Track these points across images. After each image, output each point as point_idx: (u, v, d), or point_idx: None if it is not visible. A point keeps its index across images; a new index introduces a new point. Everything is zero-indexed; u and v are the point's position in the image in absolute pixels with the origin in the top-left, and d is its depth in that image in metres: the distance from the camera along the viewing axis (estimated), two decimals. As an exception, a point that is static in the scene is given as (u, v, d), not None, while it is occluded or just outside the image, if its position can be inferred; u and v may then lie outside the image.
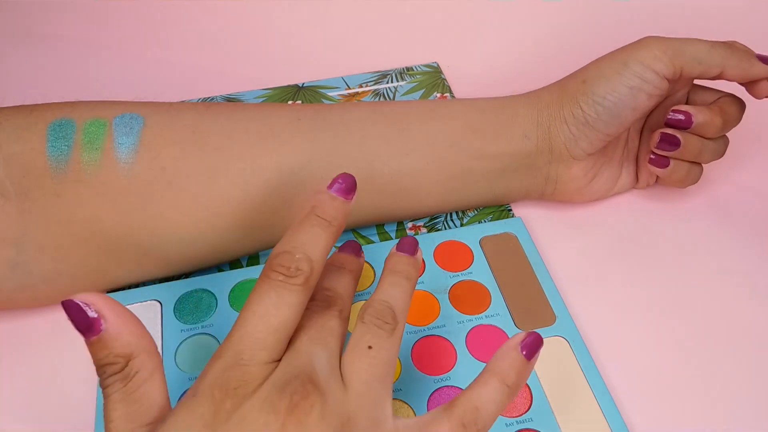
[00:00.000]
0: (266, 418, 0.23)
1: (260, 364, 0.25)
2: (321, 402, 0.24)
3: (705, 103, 0.40)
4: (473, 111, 0.39)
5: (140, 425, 0.24)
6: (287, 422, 0.23)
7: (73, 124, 0.34)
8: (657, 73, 0.36)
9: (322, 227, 0.28)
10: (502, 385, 0.26)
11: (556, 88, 0.39)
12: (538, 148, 0.39)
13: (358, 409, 0.25)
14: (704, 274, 0.40)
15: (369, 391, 0.26)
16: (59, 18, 0.59)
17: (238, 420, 0.23)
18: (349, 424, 0.24)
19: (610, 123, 0.37)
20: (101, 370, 0.25)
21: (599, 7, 0.57)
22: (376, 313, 0.27)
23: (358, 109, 0.39)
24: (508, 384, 0.26)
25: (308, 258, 0.26)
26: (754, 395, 0.34)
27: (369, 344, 0.26)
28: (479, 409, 0.25)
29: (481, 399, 0.26)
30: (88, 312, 0.24)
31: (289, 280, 0.26)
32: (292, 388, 0.24)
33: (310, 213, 0.28)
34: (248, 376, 0.24)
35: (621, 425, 0.32)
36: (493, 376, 0.26)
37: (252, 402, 0.24)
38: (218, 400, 0.24)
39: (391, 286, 0.29)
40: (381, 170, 0.38)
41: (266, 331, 0.25)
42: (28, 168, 0.33)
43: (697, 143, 0.39)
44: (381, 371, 0.26)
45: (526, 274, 0.39)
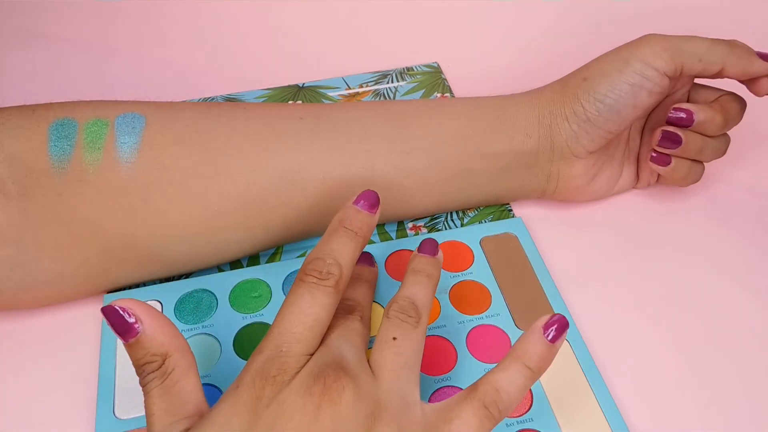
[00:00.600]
0: (303, 401, 0.26)
1: (297, 356, 0.27)
2: (353, 385, 0.26)
3: (706, 101, 0.40)
4: (474, 109, 0.39)
5: (179, 418, 0.26)
6: (322, 403, 0.26)
7: (75, 123, 0.34)
8: (657, 71, 0.37)
9: (350, 237, 0.30)
10: (525, 368, 0.27)
11: (558, 86, 0.39)
12: (539, 146, 0.39)
13: (387, 395, 0.27)
14: (704, 273, 0.40)
15: (397, 378, 0.28)
16: (59, 18, 0.59)
17: (277, 404, 0.26)
18: (380, 408, 0.26)
19: (611, 120, 0.37)
20: (140, 369, 0.27)
21: (599, 7, 0.57)
22: (400, 309, 0.30)
23: (359, 108, 0.39)
24: (530, 367, 0.27)
25: (338, 263, 0.29)
26: (754, 395, 0.34)
27: (394, 336, 0.29)
28: (500, 392, 0.27)
29: (502, 382, 0.27)
30: (127, 318, 0.27)
31: (322, 282, 0.29)
32: (324, 373, 0.26)
33: (339, 225, 0.31)
34: (286, 366, 0.27)
35: (621, 425, 0.32)
36: (515, 360, 0.28)
37: (290, 388, 0.26)
38: (259, 387, 0.26)
39: (414, 284, 0.31)
40: (382, 169, 0.38)
41: (302, 326, 0.28)
42: (30, 167, 0.33)
43: (699, 141, 0.39)
44: (407, 359, 0.28)
45: (526, 274, 0.39)
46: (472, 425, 0.26)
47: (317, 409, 0.25)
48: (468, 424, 0.26)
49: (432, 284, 0.32)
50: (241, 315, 0.37)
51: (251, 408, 0.26)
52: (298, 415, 0.25)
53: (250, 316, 0.37)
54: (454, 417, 0.27)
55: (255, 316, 0.37)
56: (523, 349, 0.28)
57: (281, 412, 0.25)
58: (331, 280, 0.29)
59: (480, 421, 0.26)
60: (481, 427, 0.26)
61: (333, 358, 0.27)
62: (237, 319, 0.37)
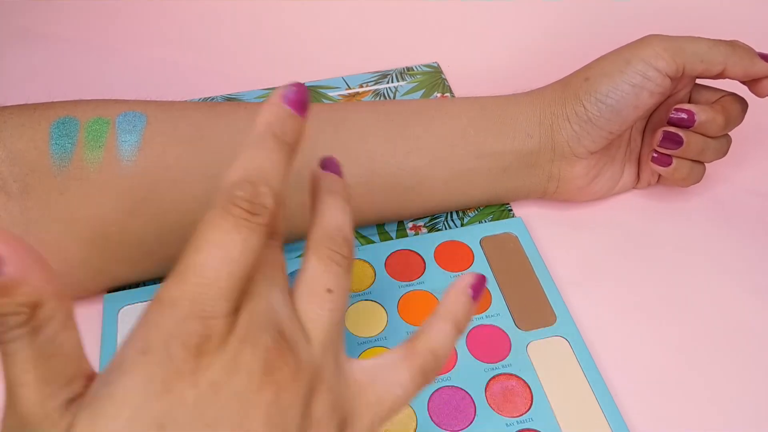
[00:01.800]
0: (240, 381, 0.21)
1: (223, 316, 0.21)
2: (293, 358, 0.22)
3: (707, 101, 0.40)
4: (475, 109, 0.39)
5: (60, 387, 0.20)
6: (263, 384, 0.21)
7: (77, 122, 0.34)
8: (659, 71, 0.37)
9: (284, 151, 0.24)
10: (456, 330, 0.26)
11: (559, 86, 0.39)
12: (540, 146, 0.39)
13: (321, 359, 0.24)
14: (704, 273, 0.40)
15: (331, 339, 0.24)
16: (59, 18, 0.59)
17: (208, 385, 0.20)
18: (317, 378, 0.23)
19: (612, 121, 0.38)
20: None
21: (599, 7, 0.57)
22: (336, 246, 0.25)
23: (359, 108, 0.39)
24: (459, 328, 0.26)
25: (274, 192, 0.22)
26: (754, 395, 0.34)
27: (328, 287, 0.24)
28: (438, 357, 0.25)
29: (438, 344, 0.26)
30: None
31: (254, 218, 0.22)
32: (264, 345, 0.22)
33: (267, 132, 0.24)
34: (211, 330, 0.21)
35: (621, 425, 0.32)
36: (447, 321, 0.26)
37: (221, 362, 0.21)
38: (179, 360, 0.20)
39: (337, 210, 0.26)
40: (382, 169, 0.38)
41: (231, 279, 0.21)
42: (32, 166, 0.33)
43: (700, 142, 0.39)
44: (340, 316, 0.25)
45: (526, 274, 0.39)
46: (410, 391, 0.25)
47: (258, 392, 0.21)
48: (407, 390, 0.25)
49: (351, 208, 0.27)
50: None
51: (173, 386, 0.20)
52: (236, 400, 0.20)
53: (250, 316, 0.37)
54: (394, 384, 0.25)
55: (255, 316, 0.37)
56: (453, 309, 0.26)
57: (214, 395, 0.20)
58: (265, 215, 0.22)
59: (417, 387, 0.25)
60: (416, 392, 0.25)
61: (267, 318, 0.22)
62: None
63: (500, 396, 0.34)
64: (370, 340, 0.36)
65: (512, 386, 0.34)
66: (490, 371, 0.34)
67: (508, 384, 0.34)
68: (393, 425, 0.32)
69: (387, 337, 0.36)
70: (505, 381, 0.34)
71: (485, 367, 0.35)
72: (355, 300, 0.37)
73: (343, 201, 0.27)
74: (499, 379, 0.34)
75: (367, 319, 0.37)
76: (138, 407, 0.19)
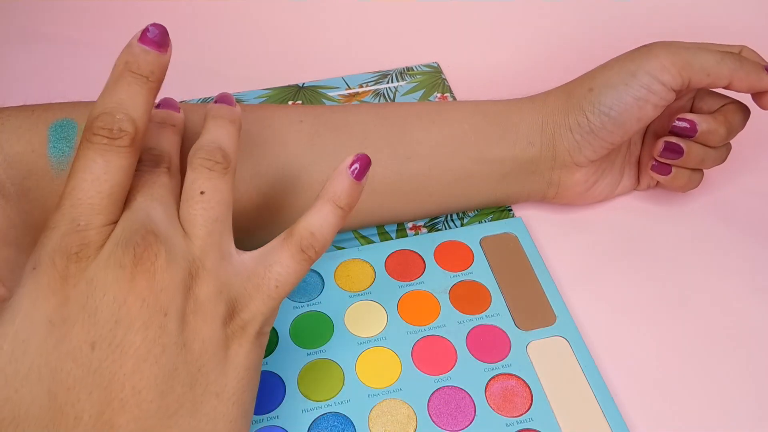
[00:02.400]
0: (114, 274, 0.24)
1: (98, 227, 0.25)
2: (165, 249, 0.25)
3: (710, 109, 0.40)
4: (477, 114, 0.39)
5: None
6: (135, 273, 0.24)
7: (74, 124, 0.34)
8: (664, 85, 0.36)
9: (140, 83, 0.26)
10: (336, 207, 0.28)
11: (562, 94, 0.39)
12: (541, 154, 0.39)
13: (202, 252, 0.26)
14: (704, 274, 0.40)
15: (209, 233, 0.27)
16: (59, 18, 0.59)
17: (86, 283, 0.24)
18: (196, 266, 0.26)
19: (614, 132, 0.37)
20: None
21: (599, 7, 0.57)
22: (206, 155, 0.27)
23: (360, 111, 0.39)
24: (341, 206, 0.28)
25: (130, 117, 0.25)
26: (754, 395, 0.34)
27: (201, 189, 0.27)
28: (315, 234, 0.27)
29: (316, 224, 0.28)
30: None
31: (114, 142, 0.25)
32: (134, 242, 0.25)
33: (124, 70, 0.26)
34: (87, 239, 0.24)
35: (621, 425, 0.32)
36: (326, 202, 0.28)
37: (97, 262, 0.24)
38: (61, 267, 0.24)
39: (217, 128, 0.29)
40: (383, 173, 0.38)
41: (98, 196, 0.25)
42: (30, 169, 0.33)
43: (700, 151, 0.38)
44: (217, 212, 0.27)
45: (526, 274, 0.39)
46: (291, 268, 0.27)
47: (131, 281, 0.24)
48: (287, 267, 0.27)
49: (236, 130, 0.29)
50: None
51: (57, 289, 0.24)
52: (112, 290, 0.24)
53: (250, 316, 0.37)
54: (273, 262, 0.27)
55: (255, 316, 0.37)
56: (332, 190, 0.28)
57: (92, 289, 0.24)
58: (125, 139, 0.25)
59: (298, 263, 0.27)
60: (299, 269, 0.27)
61: (141, 223, 0.25)
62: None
63: (500, 396, 0.34)
64: (370, 340, 0.36)
65: (512, 386, 0.34)
66: (490, 371, 0.34)
67: (508, 384, 0.34)
68: (393, 425, 0.33)
69: (387, 337, 0.36)
70: (505, 381, 0.34)
71: (485, 367, 0.35)
72: (355, 300, 0.37)
73: (225, 121, 0.29)
74: (498, 379, 0.34)
75: (367, 319, 0.37)
76: (28, 310, 0.23)
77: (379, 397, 0.34)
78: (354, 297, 0.38)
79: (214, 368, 0.25)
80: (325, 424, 0.33)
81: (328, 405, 0.33)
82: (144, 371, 0.24)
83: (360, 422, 0.33)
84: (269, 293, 0.27)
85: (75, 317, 0.24)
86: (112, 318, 0.24)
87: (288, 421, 0.33)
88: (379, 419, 0.33)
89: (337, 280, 0.38)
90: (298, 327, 0.36)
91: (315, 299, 0.37)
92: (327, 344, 0.36)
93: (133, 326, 0.24)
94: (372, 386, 0.34)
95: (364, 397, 0.34)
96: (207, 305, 0.26)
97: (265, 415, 0.33)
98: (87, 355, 0.23)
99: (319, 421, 0.33)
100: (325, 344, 0.36)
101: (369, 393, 0.34)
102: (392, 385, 0.34)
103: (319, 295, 0.38)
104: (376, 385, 0.34)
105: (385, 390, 0.34)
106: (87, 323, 0.23)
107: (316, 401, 0.33)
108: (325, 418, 0.33)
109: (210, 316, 0.26)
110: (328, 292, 0.38)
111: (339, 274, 0.39)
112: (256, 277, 0.27)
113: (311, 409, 0.33)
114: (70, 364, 0.23)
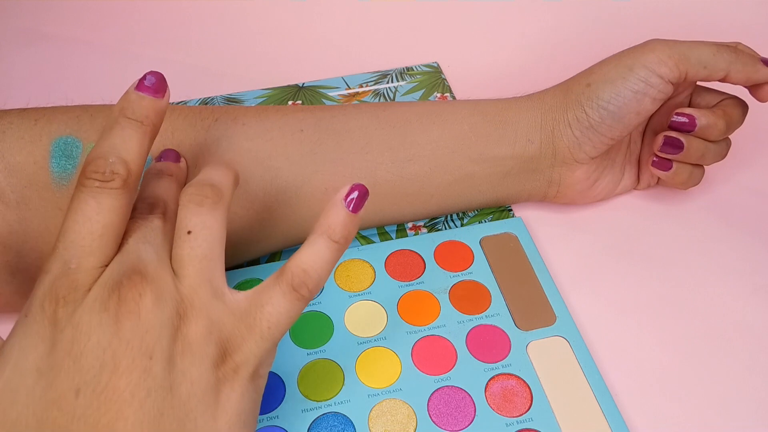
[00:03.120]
0: (99, 318, 0.24)
1: (88, 270, 0.25)
2: (151, 289, 0.25)
3: (708, 104, 0.40)
4: (476, 114, 0.39)
5: None
6: (120, 315, 0.24)
7: (79, 144, 0.33)
8: (662, 78, 0.36)
9: (134, 128, 0.27)
10: (330, 242, 0.27)
11: (560, 91, 0.39)
12: (541, 152, 0.39)
13: (191, 291, 0.26)
14: (704, 274, 0.40)
15: (198, 271, 0.26)
16: (59, 18, 0.59)
17: (72, 327, 0.23)
18: (185, 305, 0.25)
19: (613, 127, 0.37)
20: None
21: (599, 7, 0.57)
22: (195, 190, 0.27)
23: (360, 114, 0.39)
24: (335, 240, 0.27)
25: (122, 160, 0.26)
26: (754, 395, 0.34)
27: (189, 228, 0.27)
28: (308, 272, 0.26)
29: (309, 260, 0.27)
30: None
31: (106, 184, 0.25)
32: (119, 284, 0.24)
33: (119, 116, 0.27)
34: (76, 283, 0.24)
35: (621, 425, 0.32)
36: (319, 236, 0.27)
37: (83, 306, 0.24)
38: (50, 312, 0.24)
39: (211, 169, 0.29)
40: (384, 177, 0.38)
41: (90, 237, 0.25)
42: (30, 179, 0.33)
43: (700, 146, 0.38)
44: (205, 249, 0.26)
45: (526, 274, 0.39)
46: (283, 308, 0.26)
47: (116, 323, 0.24)
48: (280, 307, 0.26)
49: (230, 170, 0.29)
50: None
51: (45, 336, 0.24)
52: (96, 334, 0.23)
53: (250, 316, 0.37)
54: (265, 302, 0.26)
55: (255, 316, 0.37)
56: (327, 223, 0.27)
57: (78, 334, 0.23)
58: (116, 181, 0.25)
59: (291, 303, 0.26)
60: (292, 309, 0.26)
61: (129, 265, 0.25)
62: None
63: (500, 396, 0.34)
64: (370, 340, 0.36)
65: (512, 386, 0.34)
66: (490, 371, 0.34)
67: (508, 384, 0.34)
68: (393, 425, 0.33)
69: (387, 337, 0.36)
70: (504, 381, 0.34)
71: (485, 367, 0.35)
72: (355, 300, 0.38)
73: (221, 165, 0.30)
74: (498, 379, 0.34)
75: (367, 319, 0.37)
76: (18, 359, 0.23)
77: (379, 397, 0.34)
78: (354, 297, 0.38)
79: (203, 413, 0.25)
80: (325, 424, 0.33)
81: (328, 405, 0.33)
82: (129, 417, 0.23)
83: (360, 422, 0.33)
84: (262, 334, 0.26)
85: (60, 364, 0.23)
86: (96, 363, 0.23)
87: (288, 421, 0.33)
88: (379, 419, 0.33)
89: (337, 280, 0.38)
90: (298, 327, 0.36)
91: (315, 299, 0.37)
92: (327, 344, 0.36)
93: (117, 370, 0.23)
94: (372, 386, 0.34)
95: (364, 397, 0.34)
96: (196, 346, 0.25)
97: (265, 415, 0.33)
98: (71, 403, 0.23)
99: (319, 421, 0.33)
100: (325, 344, 0.36)
101: (369, 393, 0.34)
102: (392, 385, 0.34)
103: (319, 294, 0.38)
104: (376, 385, 0.34)
105: (385, 390, 0.34)
106: (72, 369, 0.23)
107: (316, 401, 0.33)
108: (325, 418, 0.33)
109: (199, 358, 0.25)
110: (328, 292, 0.38)
111: (339, 274, 0.39)
112: (248, 317, 0.26)
113: (311, 409, 0.33)
114: (56, 412, 0.23)
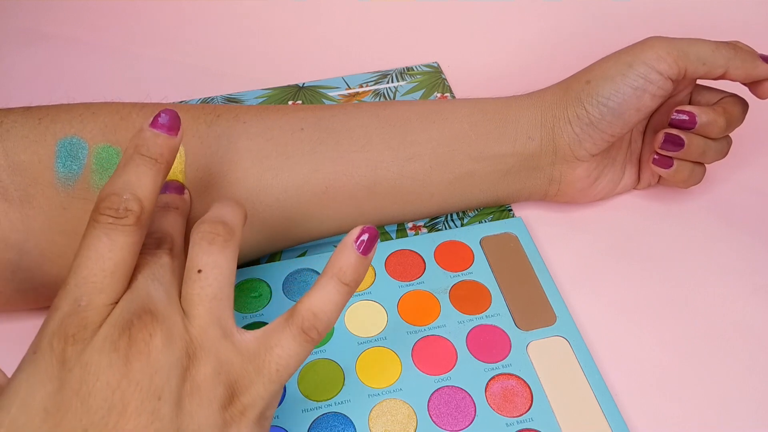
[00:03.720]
0: (109, 359, 0.23)
1: (98, 307, 0.25)
2: (161, 329, 0.25)
3: (708, 103, 0.40)
4: (476, 112, 0.39)
5: None
6: (130, 356, 0.24)
7: (85, 146, 0.33)
8: (661, 74, 0.37)
9: (148, 165, 0.27)
10: (340, 284, 0.27)
11: (560, 89, 0.39)
12: (542, 149, 0.39)
13: (200, 331, 0.26)
14: (704, 274, 0.40)
15: (208, 311, 0.26)
16: (59, 18, 0.59)
17: (81, 367, 0.23)
18: (194, 346, 0.25)
19: (614, 123, 0.37)
20: None
21: (599, 7, 0.57)
22: (208, 227, 0.27)
23: (360, 114, 0.39)
24: (346, 282, 0.27)
25: (136, 197, 0.26)
26: (754, 395, 0.34)
27: (199, 267, 0.27)
28: (317, 315, 0.26)
29: (319, 303, 0.27)
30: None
31: (120, 221, 0.25)
32: (130, 324, 0.24)
33: (134, 153, 0.27)
34: (86, 321, 0.24)
35: (621, 425, 0.32)
36: (330, 278, 0.27)
37: (92, 345, 0.24)
38: (59, 351, 0.24)
39: (223, 206, 0.29)
40: (384, 176, 0.38)
41: (101, 274, 0.25)
42: (35, 177, 0.33)
43: (701, 143, 0.39)
44: (215, 289, 0.26)
45: (526, 274, 0.39)
46: (292, 350, 0.26)
47: (126, 364, 0.23)
48: (289, 350, 0.26)
49: (240, 207, 0.30)
50: (242, 315, 0.37)
51: (54, 375, 0.23)
52: (105, 375, 0.23)
53: (250, 316, 0.37)
54: (274, 344, 0.26)
55: (255, 315, 0.37)
56: (337, 266, 0.27)
57: (86, 374, 0.23)
58: (130, 218, 0.25)
59: (300, 345, 0.26)
60: (301, 351, 0.26)
61: (140, 304, 0.25)
62: (237, 319, 0.37)
63: (500, 396, 0.34)
64: (370, 340, 0.36)
65: (512, 386, 0.34)
66: (490, 371, 0.34)
67: (508, 384, 0.34)
68: (393, 425, 0.33)
69: (387, 337, 0.36)
70: (505, 381, 0.34)
71: (485, 367, 0.35)
72: (355, 300, 0.38)
73: (232, 202, 0.30)
74: (499, 379, 0.34)
75: (367, 319, 0.37)
76: (25, 397, 0.23)
77: (379, 397, 0.34)
78: (354, 297, 0.38)
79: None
80: (325, 424, 0.33)
81: (329, 405, 0.33)
82: None
83: (360, 422, 0.33)
84: (270, 377, 0.26)
85: (68, 404, 0.23)
86: (105, 404, 0.23)
87: (288, 421, 0.33)
88: (379, 419, 0.33)
89: (337, 280, 0.38)
90: (299, 327, 0.36)
91: (315, 299, 0.37)
92: (327, 344, 0.36)
93: (125, 412, 0.23)
94: (372, 386, 0.34)
95: (364, 397, 0.34)
96: (204, 387, 0.25)
97: (266, 415, 0.33)
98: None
99: (320, 421, 0.33)
100: (325, 344, 0.36)
101: (369, 393, 0.34)
102: (392, 385, 0.34)
103: (320, 295, 0.38)
104: (376, 385, 0.34)
105: (386, 390, 0.34)
106: (80, 410, 0.23)
107: (316, 401, 0.33)
108: (325, 418, 0.33)
109: (207, 399, 0.25)
110: (329, 292, 0.38)
111: (339, 274, 0.39)
112: (257, 359, 0.26)
113: (311, 409, 0.33)
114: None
